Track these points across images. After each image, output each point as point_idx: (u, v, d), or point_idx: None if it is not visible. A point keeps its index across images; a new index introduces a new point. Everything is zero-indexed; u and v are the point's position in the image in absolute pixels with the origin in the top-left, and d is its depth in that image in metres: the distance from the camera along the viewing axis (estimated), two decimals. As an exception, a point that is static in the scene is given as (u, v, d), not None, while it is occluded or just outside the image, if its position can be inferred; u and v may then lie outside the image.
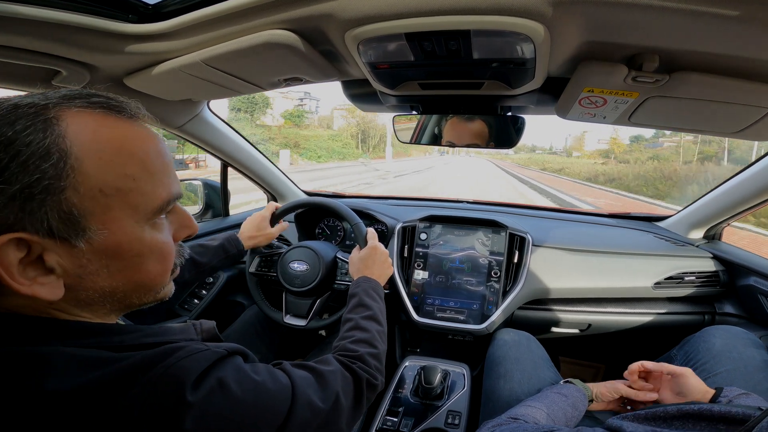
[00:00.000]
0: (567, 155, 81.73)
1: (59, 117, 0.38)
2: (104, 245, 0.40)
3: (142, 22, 0.72)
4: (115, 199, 0.40)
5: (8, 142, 0.35)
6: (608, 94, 0.79)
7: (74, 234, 0.38)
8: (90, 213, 0.39)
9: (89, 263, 0.40)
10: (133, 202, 0.41)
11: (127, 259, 0.43)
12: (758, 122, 0.81)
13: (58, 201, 0.37)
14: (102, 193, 0.39)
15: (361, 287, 0.93)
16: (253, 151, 1.58)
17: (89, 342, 0.41)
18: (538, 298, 1.37)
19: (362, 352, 0.72)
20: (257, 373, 0.49)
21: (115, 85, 0.93)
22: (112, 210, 0.40)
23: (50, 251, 0.38)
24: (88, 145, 0.38)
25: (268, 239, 1.24)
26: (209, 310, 1.49)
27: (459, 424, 0.98)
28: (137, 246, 0.43)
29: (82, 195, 0.38)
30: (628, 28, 0.60)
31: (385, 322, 0.87)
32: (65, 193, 0.37)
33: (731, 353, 0.95)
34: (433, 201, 1.95)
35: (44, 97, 0.39)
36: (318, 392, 0.56)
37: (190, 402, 0.39)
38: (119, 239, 0.41)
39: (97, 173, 0.39)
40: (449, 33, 0.63)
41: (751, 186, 1.21)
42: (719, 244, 1.46)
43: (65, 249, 0.39)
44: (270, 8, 0.64)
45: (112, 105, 0.42)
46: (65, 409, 0.36)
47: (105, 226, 0.40)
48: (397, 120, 1.13)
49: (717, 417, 0.52)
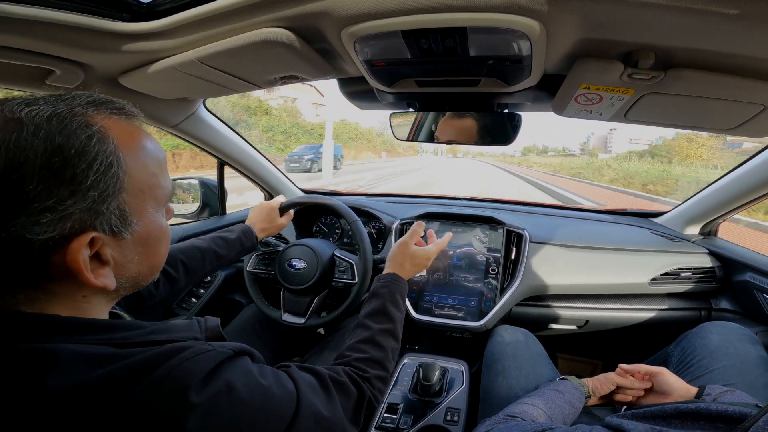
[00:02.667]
0: (589, 156, 64.74)
1: (106, 126, 0.43)
2: (140, 235, 0.47)
3: (136, 20, 0.71)
4: (148, 195, 0.47)
5: (81, 152, 0.39)
6: (604, 91, 0.79)
7: (125, 228, 0.44)
8: (133, 209, 0.45)
9: (130, 253, 0.46)
10: (157, 195, 0.48)
11: (151, 245, 0.49)
12: (753, 119, 0.81)
13: (118, 202, 0.43)
14: (141, 192, 0.46)
15: (389, 288, 0.88)
16: (249, 149, 1.57)
17: (94, 338, 0.42)
18: (535, 295, 1.37)
19: (372, 374, 0.70)
20: (264, 376, 0.49)
21: (110, 84, 0.92)
22: (146, 204, 0.47)
23: (107, 246, 0.43)
24: (130, 151, 0.44)
25: (279, 229, 1.25)
26: (207, 309, 1.49)
27: (458, 421, 0.98)
28: (158, 233, 0.50)
29: (131, 194, 0.44)
30: (623, 25, 0.60)
31: (401, 335, 0.83)
32: (123, 194, 0.43)
33: (728, 349, 0.96)
34: (431, 198, 1.96)
35: (74, 104, 0.42)
36: (323, 401, 0.56)
37: (194, 403, 0.39)
38: (149, 229, 0.48)
39: (138, 175, 0.45)
40: (446, 30, 0.63)
41: (747, 182, 1.21)
42: (715, 240, 1.47)
43: (117, 242, 0.44)
44: (266, 6, 0.63)
45: (127, 111, 0.47)
46: (69, 405, 0.36)
47: (140, 219, 0.46)
48: (394, 117, 1.13)
49: (715, 416, 0.52)
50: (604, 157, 57.97)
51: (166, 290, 0.93)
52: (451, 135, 1.11)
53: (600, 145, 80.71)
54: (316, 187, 2.15)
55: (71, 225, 0.39)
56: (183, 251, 0.97)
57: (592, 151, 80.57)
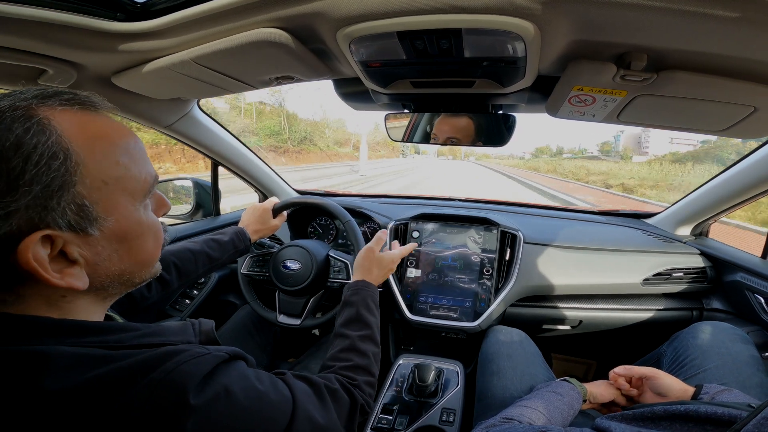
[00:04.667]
0: (619, 159, 51.48)
1: (49, 117, 0.40)
2: (113, 231, 0.44)
3: (130, 20, 0.71)
4: (115, 187, 0.44)
5: (17, 146, 0.37)
6: (597, 92, 0.80)
7: (89, 224, 0.42)
8: (97, 203, 0.42)
9: (103, 250, 0.44)
10: (128, 187, 0.45)
11: (131, 241, 0.47)
12: (743, 120, 0.82)
13: (72, 195, 0.40)
14: (104, 183, 0.43)
15: (361, 295, 0.89)
16: (244, 150, 1.56)
17: (87, 340, 0.41)
18: (529, 296, 1.38)
19: (360, 381, 0.71)
20: (260, 381, 0.49)
21: (103, 84, 0.91)
22: (114, 197, 0.44)
23: (71, 244, 0.41)
24: (82, 141, 0.41)
25: (272, 231, 1.25)
26: (201, 311, 1.48)
27: (453, 421, 0.98)
28: (138, 228, 0.47)
29: (89, 187, 0.41)
30: (617, 27, 0.60)
31: (379, 337, 0.84)
32: (76, 187, 0.40)
33: (720, 349, 0.97)
34: (425, 199, 1.96)
35: (19, 98, 0.40)
36: (318, 408, 0.56)
37: (192, 405, 0.39)
38: (124, 224, 0.45)
39: (97, 165, 0.42)
40: (441, 32, 0.63)
41: (737, 183, 1.23)
42: (706, 241, 1.48)
43: (83, 240, 0.42)
44: (261, 6, 0.63)
45: (84, 101, 0.44)
46: (63, 407, 0.36)
47: (110, 213, 0.44)
48: (389, 118, 1.13)
49: (704, 418, 0.52)
50: (640, 160, 44.63)
51: (159, 293, 0.92)
52: (446, 136, 1.12)
53: (633, 146, 66.33)
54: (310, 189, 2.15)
55: (17, 223, 0.37)
56: (175, 254, 0.96)
57: (622, 152, 67.71)
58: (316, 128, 40.60)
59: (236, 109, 33.25)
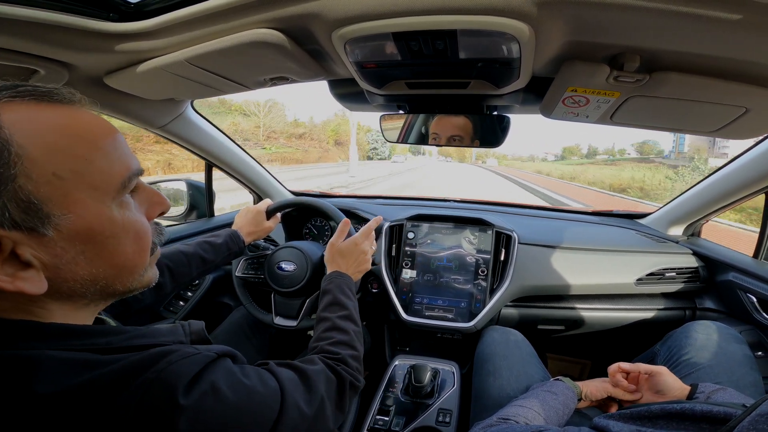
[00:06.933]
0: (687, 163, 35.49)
1: None
2: (74, 230, 0.40)
3: (123, 20, 0.70)
4: (72, 182, 0.39)
5: None
6: (591, 93, 0.80)
7: (39, 222, 0.38)
8: (49, 198, 0.38)
9: (64, 252, 0.40)
10: (91, 182, 0.41)
11: (101, 242, 0.42)
12: (735, 121, 0.83)
13: (12, 190, 0.36)
14: (56, 177, 0.38)
15: (335, 283, 0.92)
16: (238, 151, 1.56)
17: (75, 344, 0.41)
18: (524, 296, 1.38)
19: (344, 354, 0.73)
20: (247, 376, 0.49)
21: (95, 85, 0.91)
22: (72, 192, 0.39)
23: (22, 244, 0.37)
24: (28, 131, 0.37)
25: (266, 233, 1.24)
26: (195, 313, 1.47)
27: (450, 422, 0.98)
28: (109, 227, 0.42)
29: (36, 181, 0.37)
30: (610, 28, 0.61)
31: (359, 321, 0.87)
32: (17, 181, 0.36)
33: (713, 348, 0.97)
34: (421, 200, 1.96)
35: None
36: (304, 394, 0.57)
37: (182, 405, 0.39)
38: (88, 222, 0.40)
39: (45, 158, 0.38)
40: (436, 33, 0.63)
41: (729, 183, 1.24)
42: (699, 241, 1.50)
43: (35, 240, 0.38)
44: (256, 7, 0.63)
45: (41, 92, 0.41)
46: (56, 411, 0.36)
47: (69, 210, 0.39)
48: (384, 119, 1.13)
49: (699, 416, 0.53)
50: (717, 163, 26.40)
51: (152, 295, 0.92)
52: (440, 137, 1.12)
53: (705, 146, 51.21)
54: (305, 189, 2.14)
55: None
56: (168, 256, 0.96)
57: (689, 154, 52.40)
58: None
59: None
